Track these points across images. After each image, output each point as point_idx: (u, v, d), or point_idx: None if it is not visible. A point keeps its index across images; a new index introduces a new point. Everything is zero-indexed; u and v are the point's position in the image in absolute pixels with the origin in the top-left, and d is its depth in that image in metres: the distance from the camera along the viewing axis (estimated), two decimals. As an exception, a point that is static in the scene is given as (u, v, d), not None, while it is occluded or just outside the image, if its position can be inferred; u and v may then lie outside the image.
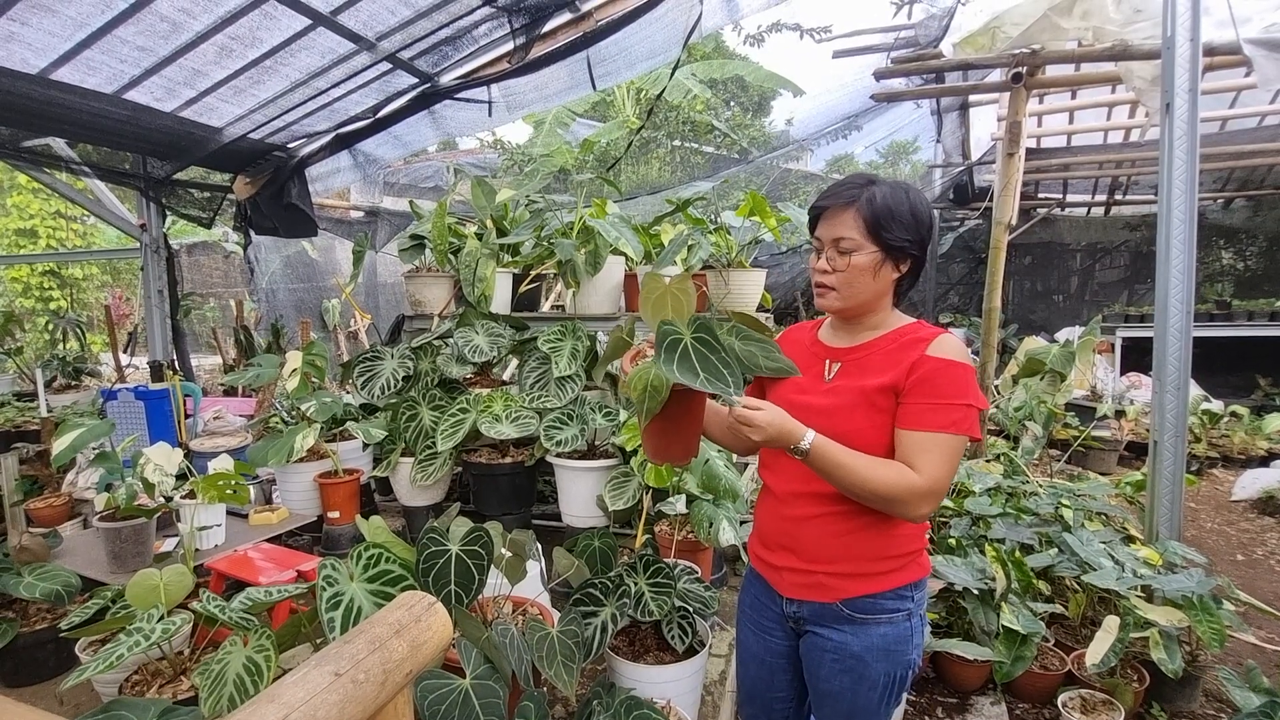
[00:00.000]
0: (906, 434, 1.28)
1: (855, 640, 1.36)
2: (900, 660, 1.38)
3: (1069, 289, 10.03)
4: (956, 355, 1.29)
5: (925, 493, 1.24)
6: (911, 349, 1.32)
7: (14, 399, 4.54)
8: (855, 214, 1.32)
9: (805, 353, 1.47)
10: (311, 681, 0.81)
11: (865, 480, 1.24)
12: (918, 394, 1.28)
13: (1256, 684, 2.13)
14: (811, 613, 1.41)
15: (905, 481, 1.24)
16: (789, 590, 1.43)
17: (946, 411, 1.25)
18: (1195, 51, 2.73)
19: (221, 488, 2.34)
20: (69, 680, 1.48)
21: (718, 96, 10.03)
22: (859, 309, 1.38)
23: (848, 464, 1.25)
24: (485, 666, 1.53)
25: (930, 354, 1.29)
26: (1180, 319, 2.77)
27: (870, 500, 1.26)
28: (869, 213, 1.31)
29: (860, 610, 1.36)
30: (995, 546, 2.79)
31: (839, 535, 1.36)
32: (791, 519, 1.41)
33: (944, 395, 1.26)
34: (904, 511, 1.27)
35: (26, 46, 2.62)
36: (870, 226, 1.31)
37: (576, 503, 2.72)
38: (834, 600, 1.37)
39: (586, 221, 2.99)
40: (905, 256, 1.34)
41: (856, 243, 1.32)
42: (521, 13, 3.06)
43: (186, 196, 4.59)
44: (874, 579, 1.35)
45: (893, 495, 1.24)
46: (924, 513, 1.27)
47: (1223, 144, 6.16)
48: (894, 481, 1.24)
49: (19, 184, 8.85)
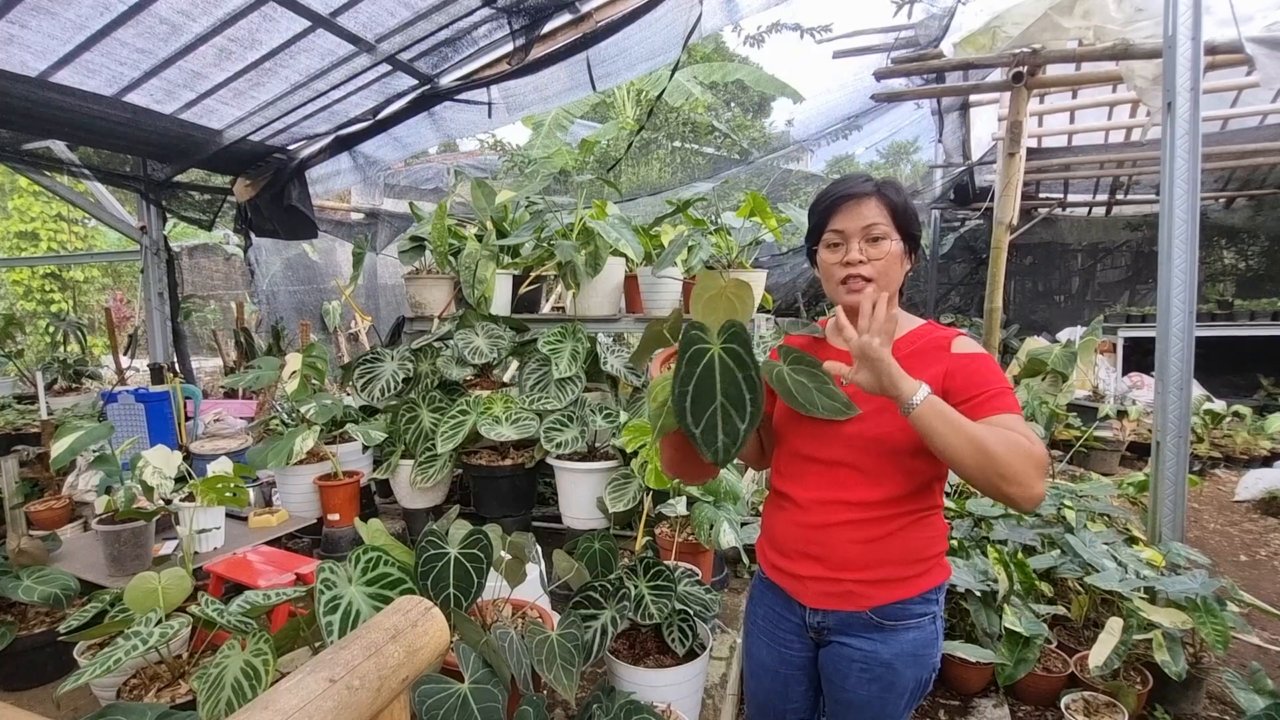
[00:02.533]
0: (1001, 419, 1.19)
1: (885, 648, 1.33)
2: (927, 664, 1.36)
3: (1070, 289, 10.01)
4: (976, 348, 1.31)
5: (1041, 461, 1.11)
6: (937, 352, 1.30)
7: (14, 401, 4.53)
8: (878, 202, 1.30)
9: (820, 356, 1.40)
10: (306, 688, 0.80)
11: (996, 444, 1.09)
12: (969, 390, 1.23)
13: (1261, 686, 2.12)
14: (838, 622, 1.36)
15: (1028, 447, 1.10)
16: (815, 600, 1.38)
17: (1002, 397, 1.22)
18: (1197, 50, 2.72)
19: (221, 490, 2.34)
20: (67, 684, 1.48)
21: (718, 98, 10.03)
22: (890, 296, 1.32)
23: (969, 428, 1.11)
24: (484, 670, 1.52)
25: (958, 352, 1.29)
26: (1182, 319, 2.76)
27: (985, 469, 1.09)
28: (890, 203, 1.30)
29: (889, 617, 1.33)
30: (997, 548, 2.78)
31: (870, 541, 1.31)
32: (817, 527, 1.35)
33: (992, 384, 1.23)
34: (1025, 483, 1.09)
35: (26, 49, 2.62)
36: (895, 215, 1.30)
37: (577, 505, 2.71)
38: (864, 609, 1.33)
39: (587, 223, 2.99)
40: (916, 248, 1.36)
41: (886, 230, 1.30)
42: (521, 14, 3.06)
43: (187, 199, 4.59)
44: (903, 584, 1.32)
45: (1034, 460, 1.10)
46: (1041, 488, 1.11)
47: (1224, 143, 6.15)
48: (1019, 445, 1.10)
49: (20, 187, 8.88)
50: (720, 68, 8.37)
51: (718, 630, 2.33)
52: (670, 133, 9.01)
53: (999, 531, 3.01)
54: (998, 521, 3.09)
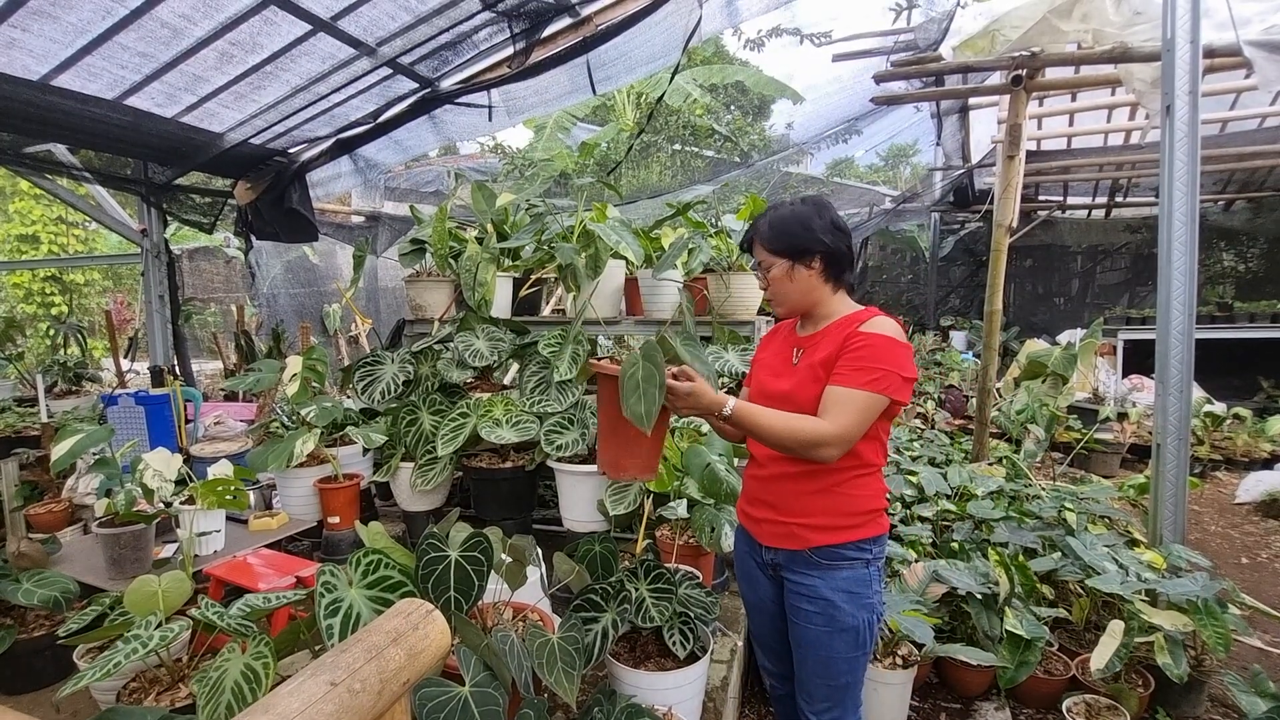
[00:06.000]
0: (827, 390, 1.53)
1: (823, 584, 1.60)
2: (864, 603, 1.61)
3: (1070, 291, 10.02)
4: (886, 331, 1.54)
5: (832, 438, 1.47)
6: (848, 327, 1.58)
7: (14, 404, 4.53)
8: (758, 241, 1.66)
9: (783, 344, 1.74)
10: (307, 691, 0.80)
11: (780, 432, 1.50)
12: (844, 360, 1.52)
13: (1262, 689, 2.12)
14: (786, 559, 1.66)
15: (815, 429, 1.48)
16: (767, 539, 1.69)
17: (865, 373, 1.49)
18: (1195, 53, 2.72)
19: (221, 493, 2.33)
20: (66, 688, 1.47)
21: (718, 100, 10.05)
22: (800, 307, 1.67)
23: (764, 422, 1.51)
24: (485, 674, 1.52)
25: (862, 330, 1.55)
26: (1182, 321, 2.76)
27: (790, 449, 1.51)
28: (764, 236, 1.64)
29: (826, 558, 1.60)
30: (998, 550, 2.78)
31: (807, 493, 1.61)
32: (767, 478, 1.68)
33: (865, 360, 1.50)
34: (815, 455, 1.50)
35: (28, 53, 2.63)
36: (770, 244, 1.63)
37: (577, 507, 2.70)
38: (804, 548, 1.62)
39: (587, 225, 2.99)
40: (809, 254, 1.60)
41: (768, 260, 1.64)
42: (521, 18, 3.07)
43: (187, 202, 4.60)
44: (838, 532, 1.59)
45: (803, 440, 1.48)
46: (830, 455, 1.50)
47: (1223, 146, 6.16)
48: (805, 429, 1.48)
49: (21, 190, 8.88)
50: (720, 70, 8.39)
51: (719, 633, 2.32)
52: (670, 136, 9.02)
53: (1000, 534, 3.01)
54: (999, 524, 3.09)
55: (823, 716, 1.67)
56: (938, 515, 3.30)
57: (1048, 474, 4.74)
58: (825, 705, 1.67)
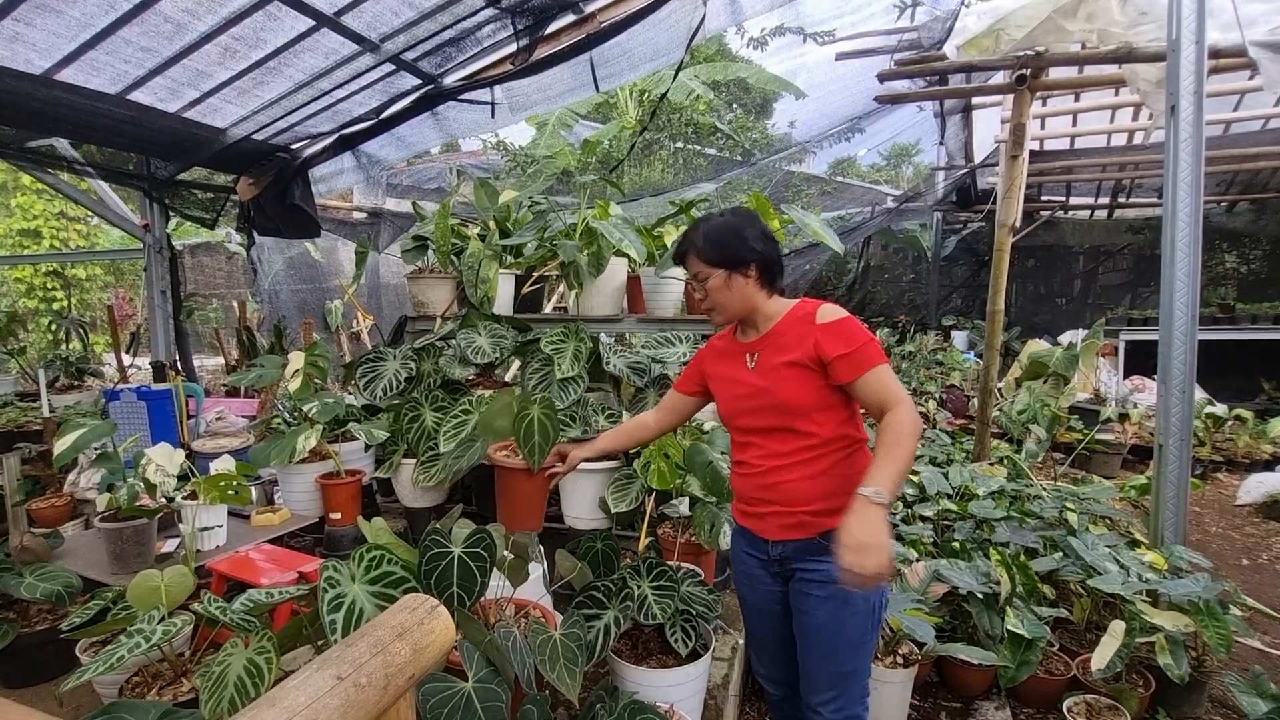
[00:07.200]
0: (859, 382, 1.56)
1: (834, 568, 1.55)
2: None
3: (1072, 292, 10.01)
4: (838, 314, 1.62)
5: (907, 405, 1.54)
6: (804, 325, 1.63)
7: (17, 399, 4.54)
8: (692, 254, 1.70)
9: (729, 353, 1.78)
10: (313, 685, 0.80)
11: (908, 454, 1.50)
12: (835, 352, 1.57)
13: (1263, 690, 2.12)
14: (795, 550, 1.67)
15: (900, 419, 1.52)
16: (774, 533, 1.69)
17: (862, 351, 1.56)
18: (1200, 54, 2.72)
19: (223, 488, 2.34)
20: (69, 682, 1.48)
21: (720, 99, 10.03)
22: (739, 314, 1.71)
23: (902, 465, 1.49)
24: (488, 670, 1.52)
25: (820, 322, 1.61)
26: (1185, 322, 2.76)
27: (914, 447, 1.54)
28: (699, 248, 1.68)
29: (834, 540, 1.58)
30: (999, 550, 2.78)
31: (813, 477, 1.64)
32: (771, 481, 1.68)
33: (853, 342, 1.57)
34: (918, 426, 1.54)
35: (31, 47, 2.63)
36: (706, 256, 1.67)
37: (579, 505, 2.71)
38: (813, 535, 1.64)
39: (589, 223, 2.99)
40: (744, 263, 1.65)
41: (705, 272, 1.68)
42: (525, 14, 3.06)
43: (190, 197, 4.59)
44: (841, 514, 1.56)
45: (911, 433, 1.51)
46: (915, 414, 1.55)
47: (1227, 147, 6.14)
48: (904, 428, 1.50)
49: (23, 184, 8.87)
50: (723, 67, 8.37)
51: (720, 631, 2.32)
52: (673, 133, 9.00)
53: (1001, 533, 3.01)
54: (1000, 523, 3.09)
55: (828, 706, 1.67)
56: (939, 515, 3.30)
57: (1049, 474, 4.74)
58: (831, 694, 1.66)
